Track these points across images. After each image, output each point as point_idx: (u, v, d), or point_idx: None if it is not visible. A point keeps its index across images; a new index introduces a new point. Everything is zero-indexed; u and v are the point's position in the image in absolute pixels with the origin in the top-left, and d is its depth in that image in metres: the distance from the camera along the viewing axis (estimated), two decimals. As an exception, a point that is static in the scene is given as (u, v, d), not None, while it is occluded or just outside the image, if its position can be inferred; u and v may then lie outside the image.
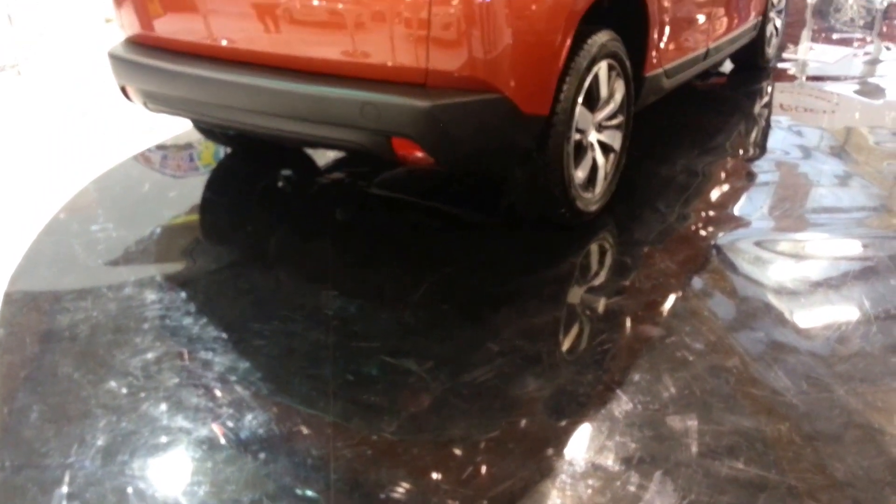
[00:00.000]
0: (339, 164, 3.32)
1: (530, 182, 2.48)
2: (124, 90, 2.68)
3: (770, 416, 1.78)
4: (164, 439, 1.73)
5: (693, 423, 1.75)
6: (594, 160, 2.64)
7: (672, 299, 2.29)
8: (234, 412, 1.80)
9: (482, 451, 1.68)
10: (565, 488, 1.59)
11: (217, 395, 1.87)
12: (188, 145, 3.59)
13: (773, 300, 2.27)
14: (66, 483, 1.61)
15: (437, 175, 3.12)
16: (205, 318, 2.18)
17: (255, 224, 2.81)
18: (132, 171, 3.33)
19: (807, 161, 3.44)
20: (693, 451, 1.67)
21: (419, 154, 2.18)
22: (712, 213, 2.88)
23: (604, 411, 1.80)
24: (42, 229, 2.75)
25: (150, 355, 2.01)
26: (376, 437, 1.73)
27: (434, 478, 1.62)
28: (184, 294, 2.31)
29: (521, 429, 1.75)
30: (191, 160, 3.52)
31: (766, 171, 3.32)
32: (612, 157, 2.75)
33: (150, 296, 2.30)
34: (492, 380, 1.91)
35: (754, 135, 3.89)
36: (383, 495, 1.57)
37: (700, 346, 2.04)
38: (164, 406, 1.83)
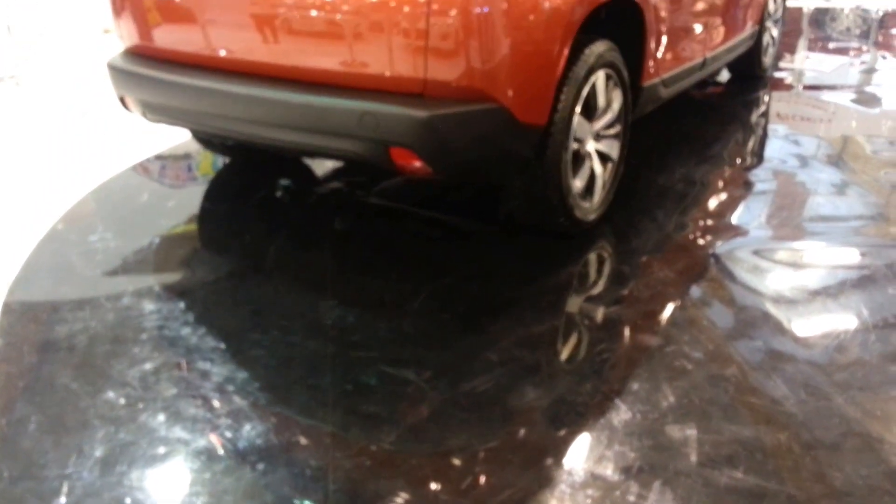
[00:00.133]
0: (337, 173, 3.32)
1: (528, 191, 2.49)
2: (123, 101, 2.69)
3: (769, 425, 1.78)
4: (162, 450, 1.72)
5: (692, 432, 1.75)
6: (592, 169, 2.65)
7: (670, 308, 2.29)
8: (232, 422, 1.80)
9: (481, 461, 1.68)
10: (564, 498, 1.58)
11: (215, 405, 1.86)
12: (186, 155, 3.60)
13: (772, 309, 2.28)
14: (64, 494, 1.61)
15: (436, 184, 3.12)
16: (203, 329, 2.18)
17: (253, 234, 2.81)
18: (130, 181, 3.33)
19: (804, 170, 3.45)
20: (692, 460, 1.67)
21: (417, 164, 2.19)
22: (710, 221, 2.88)
23: (603, 421, 1.80)
24: (40, 239, 2.75)
25: (148, 366, 2.01)
26: (375, 448, 1.72)
27: (433, 488, 1.61)
28: (182, 304, 2.31)
29: (521, 438, 1.75)
30: (189, 170, 3.52)
31: (763, 180, 3.33)
32: (609, 166, 2.76)
33: (149, 306, 2.29)
34: (491, 389, 1.91)
35: (751, 144, 3.91)
36: (382, 506, 1.57)
37: (699, 355, 2.04)
38: (162, 417, 1.82)
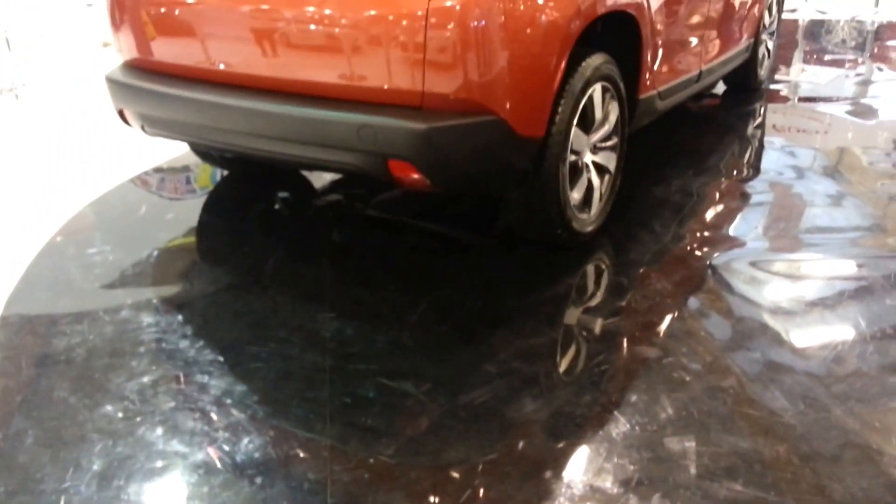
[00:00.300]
0: (335, 186, 3.33)
1: (526, 203, 2.50)
2: (122, 114, 2.70)
3: (768, 437, 1.78)
4: (159, 464, 1.72)
5: (691, 444, 1.75)
6: (589, 181, 2.66)
7: (668, 320, 2.29)
8: (230, 436, 1.80)
9: (480, 473, 1.67)
10: (564, 511, 1.58)
11: (213, 418, 1.86)
12: (185, 168, 3.60)
13: (769, 320, 2.28)
14: (61, 509, 1.60)
15: (434, 196, 3.13)
16: (201, 341, 2.17)
17: (251, 246, 2.81)
18: (129, 194, 3.33)
19: (800, 181, 3.46)
20: (691, 472, 1.67)
21: (415, 176, 2.19)
22: (707, 233, 2.89)
23: (602, 433, 1.80)
24: (39, 252, 2.75)
25: (146, 379, 2.01)
26: (374, 461, 1.72)
27: (432, 501, 1.61)
28: (180, 317, 2.31)
29: (519, 451, 1.75)
30: (187, 183, 3.53)
31: (760, 192, 3.34)
32: (607, 178, 2.77)
33: (147, 319, 2.29)
34: (489, 402, 1.90)
35: (748, 155, 3.92)
36: (381, 519, 1.56)
37: (697, 366, 2.04)
38: (160, 430, 1.82)
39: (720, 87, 4.86)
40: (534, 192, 2.44)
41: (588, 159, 2.64)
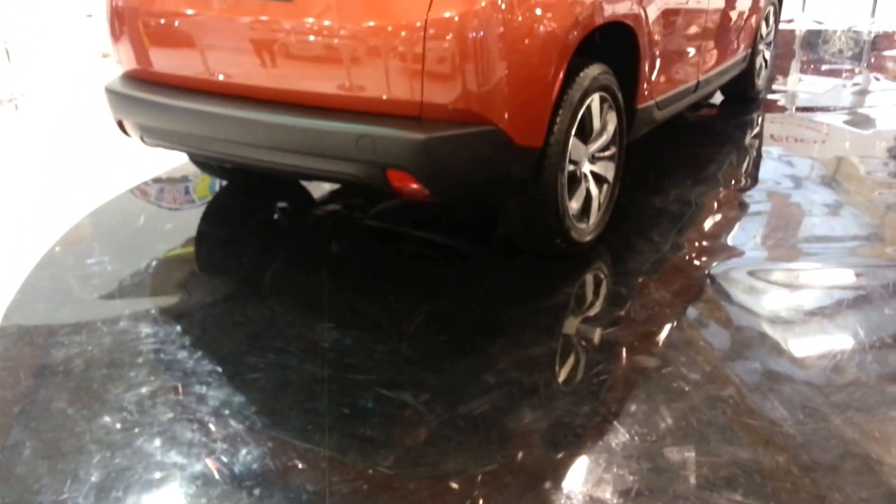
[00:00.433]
0: (334, 196, 3.33)
1: (525, 213, 2.50)
2: (121, 125, 2.70)
3: (767, 447, 1.77)
4: (157, 475, 1.71)
5: (691, 454, 1.75)
6: (588, 191, 2.67)
7: (667, 329, 2.29)
8: (228, 447, 1.79)
9: (479, 484, 1.67)
10: (563, 522, 1.58)
11: (211, 429, 1.85)
12: (184, 178, 3.61)
13: (768, 330, 2.28)
14: (58, 520, 1.59)
15: (432, 206, 3.13)
16: (200, 352, 2.17)
17: (250, 256, 2.81)
18: (128, 204, 3.33)
19: (798, 191, 3.47)
20: (691, 483, 1.67)
21: (414, 186, 2.19)
22: (706, 242, 2.89)
23: (601, 443, 1.79)
24: (37, 263, 2.75)
25: (144, 390, 2.00)
26: (372, 472, 1.71)
27: (431, 512, 1.60)
28: (179, 327, 2.31)
29: (518, 462, 1.74)
30: (186, 192, 3.53)
31: (758, 201, 3.35)
32: (605, 187, 2.77)
33: (145, 329, 2.29)
34: (488, 412, 1.90)
35: (746, 165, 3.93)
36: (380, 530, 1.56)
37: (696, 376, 2.04)
38: (158, 441, 1.81)
39: (718, 97, 4.88)
40: (532, 202, 2.45)
41: (586, 169, 2.64)
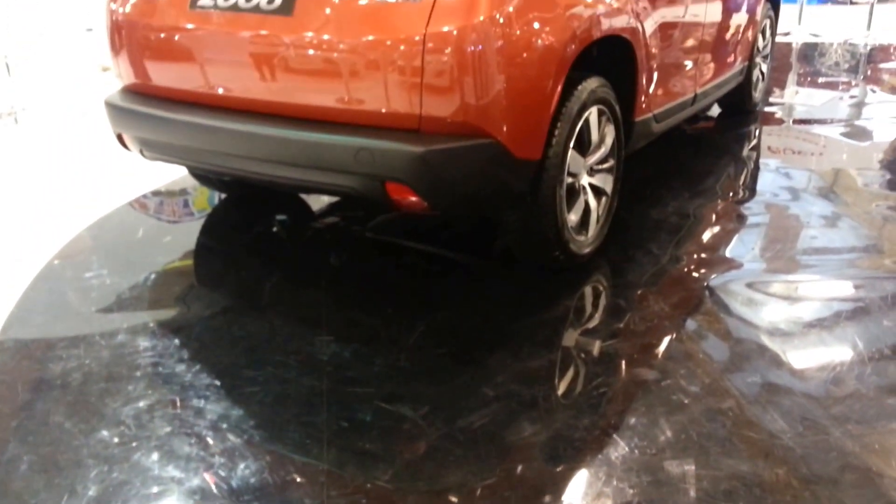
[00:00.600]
0: (333, 208, 3.33)
1: (524, 225, 2.50)
2: (120, 138, 2.71)
3: (767, 460, 1.77)
4: (155, 489, 1.70)
5: (690, 467, 1.74)
6: (586, 203, 2.67)
7: (666, 342, 2.29)
8: (226, 461, 1.78)
9: (478, 498, 1.66)
10: (563, 536, 1.57)
11: (209, 443, 1.84)
12: (183, 191, 3.61)
13: (767, 342, 2.28)
14: (55, 536, 1.58)
15: (431, 219, 3.13)
16: (198, 365, 2.16)
17: (249, 269, 2.81)
18: (127, 217, 3.34)
19: (796, 203, 3.48)
20: (691, 496, 1.66)
21: (413, 198, 2.20)
22: (704, 255, 2.90)
23: (601, 456, 1.79)
24: (36, 276, 2.74)
25: (142, 403, 2.00)
26: (371, 486, 1.71)
27: (430, 526, 1.60)
28: (177, 341, 2.30)
29: (518, 475, 1.73)
30: (185, 206, 3.54)
31: (756, 213, 3.35)
32: (604, 200, 2.78)
33: (143, 343, 2.28)
34: (487, 425, 1.89)
35: (743, 177, 3.94)
36: (378, 545, 1.55)
37: (696, 388, 2.04)
38: (155, 455, 1.80)
39: (715, 110, 4.90)
40: (531, 215, 2.45)
41: (585, 181, 2.65)
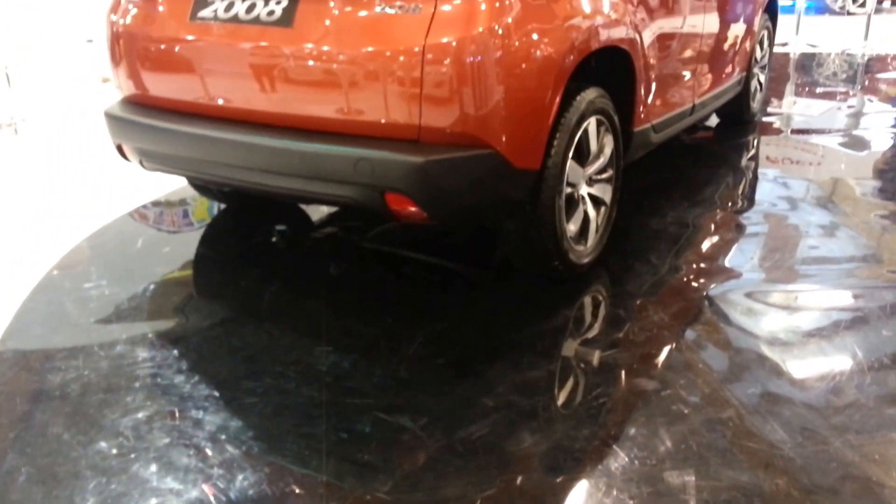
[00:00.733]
0: (332, 218, 3.34)
1: (523, 235, 2.50)
2: (120, 149, 2.71)
3: (767, 471, 1.76)
4: (154, 501, 1.70)
5: (691, 478, 1.74)
6: (585, 213, 2.67)
7: (666, 352, 2.29)
8: (225, 472, 1.78)
9: (478, 509, 1.66)
10: (563, 547, 1.56)
11: (208, 454, 1.84)
12: (182, 201, 3.61)
13: (767, 351, 2.28)
14: (53, 548, 1.58)
15: (430, 229, 3.13)
16: (197, 376, 2.16)
17: (248, 280, 2.81)
18: (126, 228, 3.34)
19: (795, 212, 3.48)
20: (691, 507, 1.66)
21: (412, 208, 2.20)
22: (703, 264, 2.90)
23: (601, 467, 1.78)
24: (35, 287, 2.74)
25: (140, 415, 1.99)
26: (370, 497, 1.70)
27: (429, 538, 1.59)
28: (176, 351, 2.30)
29: (518, 486, 1.73)
30: (185, 216, 3.54)
31: (754, 223, 3.36)
32: (603, 210, 2.78)
33: (142, 354, 2.28)
34: (487, 436, 1.89)
35: (742, 187, 3.95)
36: (378, 557, 1.54)
37: (695, 398, 2.04)
38: (154, 467, 1.80)
39: (713, 120, 4.91)
40: (530, 225, 2.45)
41: (584, 191, 2.65)
